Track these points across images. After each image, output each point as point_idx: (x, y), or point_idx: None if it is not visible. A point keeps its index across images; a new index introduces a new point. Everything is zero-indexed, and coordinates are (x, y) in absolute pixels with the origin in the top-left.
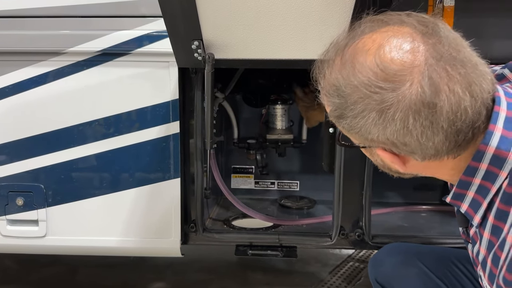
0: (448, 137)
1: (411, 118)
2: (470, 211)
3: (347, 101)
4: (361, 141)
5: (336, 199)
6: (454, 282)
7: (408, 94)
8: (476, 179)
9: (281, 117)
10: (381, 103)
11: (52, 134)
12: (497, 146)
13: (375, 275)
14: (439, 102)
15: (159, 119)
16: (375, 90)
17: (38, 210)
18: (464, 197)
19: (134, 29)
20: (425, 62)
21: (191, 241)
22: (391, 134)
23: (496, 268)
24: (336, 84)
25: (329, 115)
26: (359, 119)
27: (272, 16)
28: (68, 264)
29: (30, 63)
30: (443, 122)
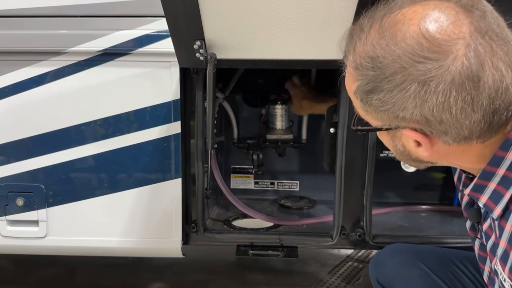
0: (485, 116)
1: (454, 91)
2: (490, 203)
3: (384, 72)
4: (387, 122)
5: (337, 199)
6: (455, 282)
7: (454, 66)
8: (501, 169)
9: (281, 117)
10: (424, 74)
11: (53, 134)
12: None
13: (377, 276)
14: (483, 76)
15: (160, 119)
16: (420, 60)
17: (38, 211)
18: (485, 188)
19: (135, 29)
20: (470, 35)
21: (192, 241)
22: (429, 110)
23: None
24: (372, 55)
25: (356, 91)
26: (396, 92)
27: (275, 16)
28: (67, 264)
29: (31, 62)
30: (484, 99)
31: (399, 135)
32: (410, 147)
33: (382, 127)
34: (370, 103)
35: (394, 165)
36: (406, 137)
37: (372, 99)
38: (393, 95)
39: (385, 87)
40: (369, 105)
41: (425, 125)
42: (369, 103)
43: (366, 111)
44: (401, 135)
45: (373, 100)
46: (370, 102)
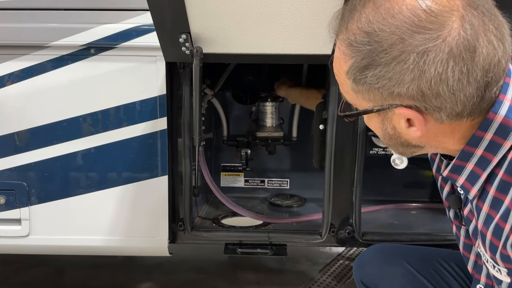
0: (478, 89)
1: (452, 61)
2: (466, 184)
3: (382, 45)
4: (379, 101)
5: (326, 197)
6: (439, 281)
7: (451, 35)
8: (479, 149)
9: (271, 114)
10: (423, 44)
11: (35, 130)
12: (506, 115)
13: (361, 277)
14: (479, 47)
15: (146, 115)
16: (418, 30)
17: (20, 209)
18: (463, 169)
19: (120, 23)
20: (463, 8)
21: (179, 240)
22: (427, 82)
23: (498, 240)
24: (368, 30)
25: (349, 70)
26: (394, 65)
27: (262, 9)
28: (55, 265)
29: (12, 57)
30: (479, 70)
31: (390, 115)
32: (400, 129)
33: (373, 109)
34: (364, 81)
35: (384, 163)
36: (398, 117)
37: (367, 76)
38: (391, 69)
39: (383, 61)
40: (362, 84)
41: (420, 101)
42: (363, 82)
43: (357, 92)
44: (392, 116)
45: (368, 77)
46: (364, 80)
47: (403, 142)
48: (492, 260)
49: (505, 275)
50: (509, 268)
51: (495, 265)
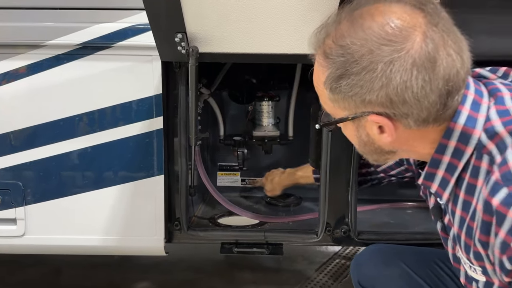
0: (440, 97)
1: (415, 70)
2: (439, 190)
3: (354, 56)
4: (353, 109)
5: (322, 196)
6: (436, 281)
7: (413, 48)
8: (446, 156)
9: (268, 114)
10: (389, 55)
11: (31, 129)
12: (464, 124)
13: (358, 277)
14: (438, 58)
15: (142, 114)
16: (385, 43)
17: (16, 209)
18: (434, 176)
19: (116, 22)
20: (425, 25)
21: (175, 239)
22: (394, 89)
23: (470, 239)
24: (342, 43)
25: (326, 81)
26: (364, 74)
27: (258, 9)
28: (51, 265)
29: (7, 56)
30: (440, 79)
31: (363, 123)
32: (373, 135)
33: (348, 117)
34: (339, 90)
35: None
36: (370, 124)
37: (341, 85)
38: (362, 77)
39: (354, 70)
40: (337, 93)
41: (389, 107)
42: (338, 90)
43: (334, 102)
44: (365, 123)
45: (342, 86)
46: (339, 89)
47: (376, 148)
48: (468, 260)
49: (480, 274)
50: (482, 266)
51: (471, 265)
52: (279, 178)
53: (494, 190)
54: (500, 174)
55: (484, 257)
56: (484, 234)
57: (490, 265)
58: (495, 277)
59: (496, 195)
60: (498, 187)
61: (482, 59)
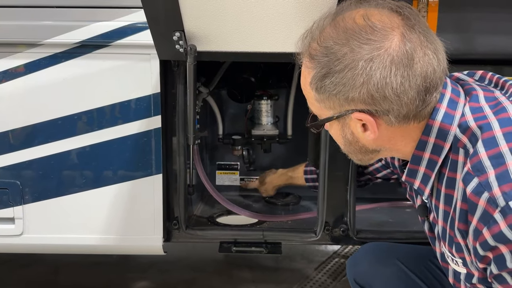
0: (419, 94)
1: (394, 67)
2: (421, 186)
3: (336, 55)
4: (338, 108)
5: (321, 195)
6: (431, 279)
7: (392, 46)
8: (426, 153)
9: (267, 112)
10: (369, 53)
11: (29, 128)
12: (442, 120)
13: (354, 276)
14: (416, 57)
15: (140, 113)
16: (365, 42)
17: (14, 208)
18: (417, 173)
19: (114, 20)
20: (403, 27)
21: (174, 238)
22: (374, 85)
23: (452, 231)
24: (327, 44)
25: (311, 81)
26: (346, 72)
27: (256, 7)
28: (49, 264)
29: (5, 55)
30: (417, 76)
31: (348, 121)
32: (357, 133)
33: (334, 116)
34: (324, 90)
35: None
36: (354, 123)
37: (326, 84)
38: (344, 75)
39: (337, 68)
40: (322, 93)
41: (371, 104)
42: (323, 90)
43: (319, 102)
44: (350, 121)
45: (327, 85)
46: (324, 89)
47: (361, 147)
48: (450, 253)
49: (461, 266)
50: (463, 257)
51: (453, 258)
52: (270, 178)
53: (466, 180)
54: (471, 165)
55: (464, 248)
56: (462, 222)
57: (469, 256)
58: (474, 269)
59: (468, 185)
60: (470, 177)
61: (483, 58)
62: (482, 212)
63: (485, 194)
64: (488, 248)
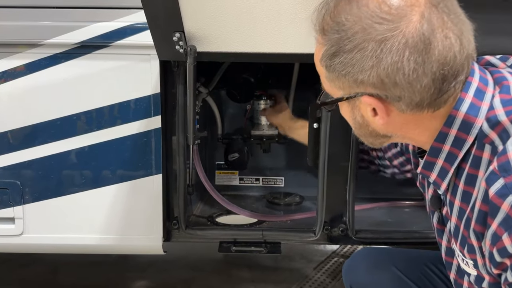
0: (435, 82)
1: (407, 52)
2: (438, 180)
3: (347, 33)
4: (348, 89)
5: (320, 194)
6: (428, 284)
7: (408, 28)
8: (446, 145)
9: None
10: (382, 33)
11: (29, 129)
12: (466, 112)
13: (350, 282)
14: (434, 41)
15: (140, 113)
16: (378, 21)
17: (14, 208)
18: (434, 165)
19: (114, 21)
20: (424, 5)
21: (173, 238)
22: (384, 70)
23: (467, 231)
24: (339, 20)
25: (322, 58)
26: (356, 52)
27: (256, 8)
28: (48, 264)
29: (5, 55)
30: (434, 63)
31: (358, 104)
32: (368, 117)
33: (344, 97)
34: (333, 69)
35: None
36: (364, 106)
37: (335, 63)
38: (353, 56)
39: (347, 48)
40: (332, 71)
41: (381, 89)
42: (332, 68)
43: (330, 81)
44: (360, 104)
45: (336, 64)
46: (333, 68)
47: (371, 131)
48: (461, 253)
49: (472, 268)
50: (474, 259)
51: (464, 258)
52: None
53: (491, 180)
54: (498, 164)
55: (477, 250)
56: (479, 224)
57: (481, 259)
58: (485, 272)
59: (492, 185)
60: (495, 178)
61: None
62: (505, 216)
63: (510, 197)
64: (506, 255)
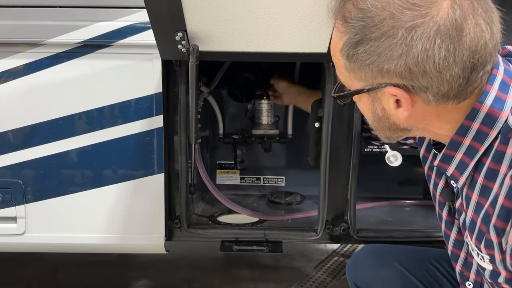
0: (464, 71)
1: (438, 39)
2: (456, 173)
3: (374, 20)
4: (370, 80)
5: (322, 194)
6: (432, 282)
7: (439, 14)
8: (467, 139)
9: (267, 112)
10: (412, 20)
11: (31, 128)
12: (491, 105)
13: (354, 279)
14: (466, 27)
15: (142, 113)
16: (409, 7)
17: (16, 207)
18: (452, 159)
19: (116, 20)
20: None
21: (175, 237)
22: (414, 58)
23: (486, 226)
24: (362, 6)
25: (343, 47)
26: (384, 40)
27: (258, 8)
28: (49, 263)
29: (7, 54)
30: (465, 50)
31: (380, 95)
32: (389, 109)
33: (364, 88)
34: (356, 58)
35: (378, 160)
36: (387, 97)
37: (358, 52)
38: (380, 44)
39: (373, 35)
40: (354, 61)
41: (408, 79)
42: (355, 58)
43: (350, 71)
44: (382, 96)
45: (359, 53)
46: (356, 57)
47: (391, 124)
48: (476, 247)
49: (487, 263)
50: (491, 254)
51: (479, 253)
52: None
53: None
54: None
55: (495, 245)
56: (501, 220)
57: (500, 255)
58: (502, 268)
59: None
60: None
61: None
62: None
63: None
64: None
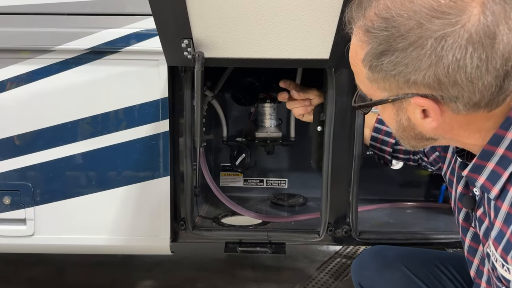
0: (497, 78)
1: (471, 48)
2: (487, 184)
3: (399, 30)
4: (395, 91)
5: (324, 196)
6: (437, 284)
7: (470, 21)
8: (500, 149)
9: (270, 115)
10: (441, 29)
11: (40, 132)
12: None
13: (359, 279)
14: (499, 34)
15: (149, 117)
16: (437, 15)
17: (25, 209)
18: (483, 169)
19: (123, 27)
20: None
21: (180, 238)
22: (444, 68)
23: None
24: (386, 15)
25: (365, 57)
26: (411, 50)
27: (262, 15)
28: (55, 263)
29: (17, 60)
30: (498, 58)
31: (405, 105)
32: (415, 120)
33: (389, 99)
34: (380, 69)
35: (380, 163)
36: (413, 108)
37: (383, 62)
38: (407, 54)
39: (400, 46)
40: (378, 72)
41: (437, 89)
42: (379, 69)
43: (372, 81)
44: (407, 106)
45: (384, 64)
46: (380, 68)
47: (416, 134)
48: (502, 258)
49: None
50: None
51: (505, 264)
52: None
53: None
54: None
55: None
56: None
57: None
58: None
59: None
60: None
61: None
62: None
63: None
64: None
